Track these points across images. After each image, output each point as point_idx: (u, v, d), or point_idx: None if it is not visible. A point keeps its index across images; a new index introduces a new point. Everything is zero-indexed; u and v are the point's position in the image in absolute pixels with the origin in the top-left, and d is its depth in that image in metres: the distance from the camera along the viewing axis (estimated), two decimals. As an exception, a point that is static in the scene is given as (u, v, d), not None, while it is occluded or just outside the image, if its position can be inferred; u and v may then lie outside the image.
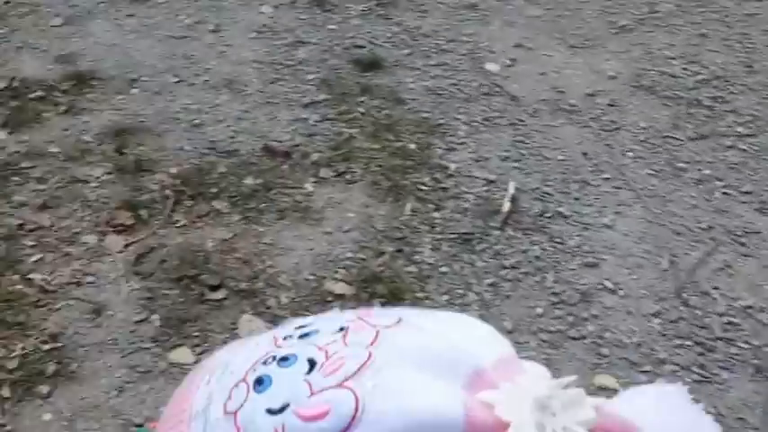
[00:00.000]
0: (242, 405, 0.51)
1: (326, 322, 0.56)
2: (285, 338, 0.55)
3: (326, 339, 0.53)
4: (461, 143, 3.09)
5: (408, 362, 0.50)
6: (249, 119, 3.17)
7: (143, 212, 2.73)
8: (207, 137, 3.07)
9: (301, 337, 0.54)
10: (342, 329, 0.54)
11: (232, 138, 3.08)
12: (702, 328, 2.45)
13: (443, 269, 2.59)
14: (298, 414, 0.49)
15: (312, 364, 0.51)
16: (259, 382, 0.52)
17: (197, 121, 3.14)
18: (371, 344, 0.51)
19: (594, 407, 0.51)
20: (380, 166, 2.97)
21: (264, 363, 0.53)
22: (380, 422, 0.47)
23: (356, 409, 0.48)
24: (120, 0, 3.76)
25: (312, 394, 0.49)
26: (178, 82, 3.33)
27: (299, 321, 0.57)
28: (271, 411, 0.50)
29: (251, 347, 0.56)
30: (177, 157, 2.97)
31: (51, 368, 2.25)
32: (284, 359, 0.52)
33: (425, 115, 3.22)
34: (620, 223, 2.78)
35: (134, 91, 3.27)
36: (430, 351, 0.51)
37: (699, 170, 3.01)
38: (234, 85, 3.32)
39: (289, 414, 0.49)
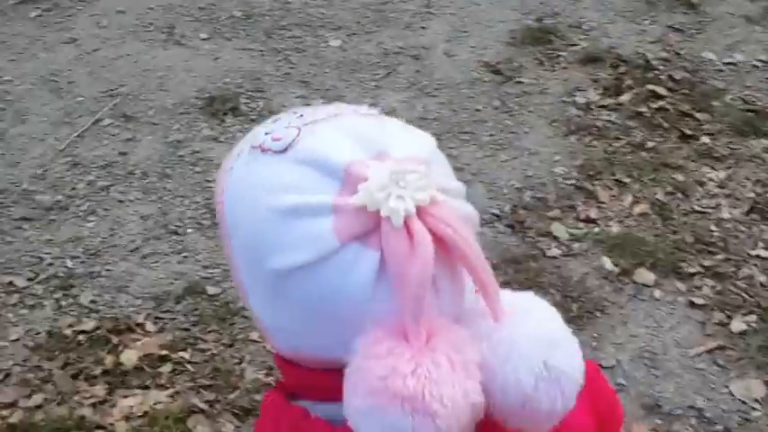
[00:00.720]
0: (260, 131, 0.79)
1: (334, 106, 0.81)
2: (310, 107, 0.83)
3: (322, 110, 0.79)
4: None
5: (343, 129, 0.74)
6: None
7: None
8: None
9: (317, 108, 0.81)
10: (336, 110, 0.79)
11: None
12: None
13: None
14: (271, 136, 0.76)
15: (301, 115, 0.78)
16: (274, 120, 0.79)
17: None
18: (333, 116, 0.77)
19: (432, 197, 0.70)
20: None
21: (288, 113, 0.80)
22: (300, 151, 0.73)
23: (293, 141, 0.74)
24: None
25: (286, 128, 0.76)
26: None
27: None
28: (266, 133, 0.77)
29: (295, 108, 0.86)
30: None
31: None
32: (295, 112, 0.79)
33: None
34: None
35: None
36: (363, 130, 0.75)
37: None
38: None
39: (268, 136, 0.76)
